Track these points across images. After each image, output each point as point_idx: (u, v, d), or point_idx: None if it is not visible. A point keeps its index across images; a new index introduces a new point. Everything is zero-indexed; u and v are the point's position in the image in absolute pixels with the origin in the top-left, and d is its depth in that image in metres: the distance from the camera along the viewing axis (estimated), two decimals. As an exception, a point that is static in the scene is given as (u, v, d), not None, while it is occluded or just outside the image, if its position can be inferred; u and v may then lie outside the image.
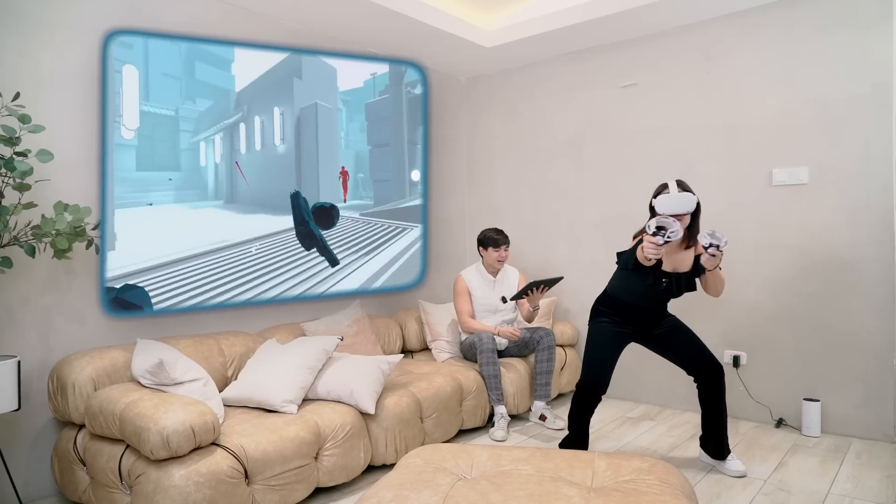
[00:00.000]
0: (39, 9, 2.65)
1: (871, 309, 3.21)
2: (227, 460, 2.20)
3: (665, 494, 1.69)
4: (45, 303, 2.65)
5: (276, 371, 2.74)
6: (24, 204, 2.36)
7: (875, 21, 3.18)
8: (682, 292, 2.74)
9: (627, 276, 2.75)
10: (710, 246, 2.47)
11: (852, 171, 3.26)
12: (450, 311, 4.04)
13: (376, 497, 1.69)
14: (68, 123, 2.73)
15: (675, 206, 2.53)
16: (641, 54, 3.98)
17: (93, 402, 2.37)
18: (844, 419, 3.31)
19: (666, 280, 2.68)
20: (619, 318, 2.81)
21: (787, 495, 2.58)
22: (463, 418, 3.34)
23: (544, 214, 4.49)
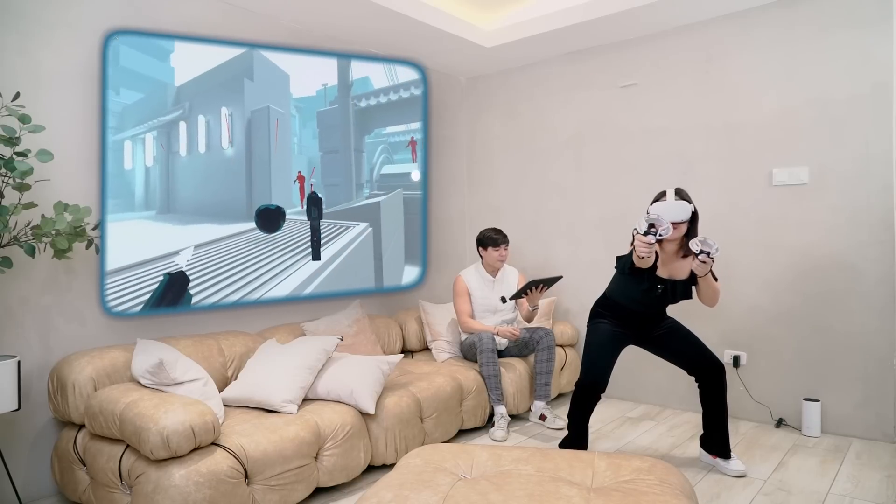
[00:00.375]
0: (39, 9, 2.65)
1: (871, 309, 3.21)
2: (227, 460, 2.20)
3: (665, 494, 1.69)
4: (45, 303, 2.65)
5: (276, 371, 2.73)
6: (24, 204, 2.36)
7: (875, 21, 3.18)
8: (678, 300, 2.76)
9: (625, 280, 2.77)
10: (700, 252, 2.47)
11: (852, 171, 3.26)
12: (450, 311, 4.04)
13: (376, 497, 1.69)
14: (68, 123, 2.73)
15: (669, 215, 2.56)
16: (641, 54, 3.98)
17: (93, 402, 2.37)
18: (844, 419, 3.31)
19: (661, 287, 2.70)
20: (617, 321, 2.84)
21: (787, 495, 2.58)
22: (463, 418, 3.34)
23: (544, 214, 4.49)
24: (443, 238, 4.71)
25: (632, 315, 2.82)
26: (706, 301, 2.71)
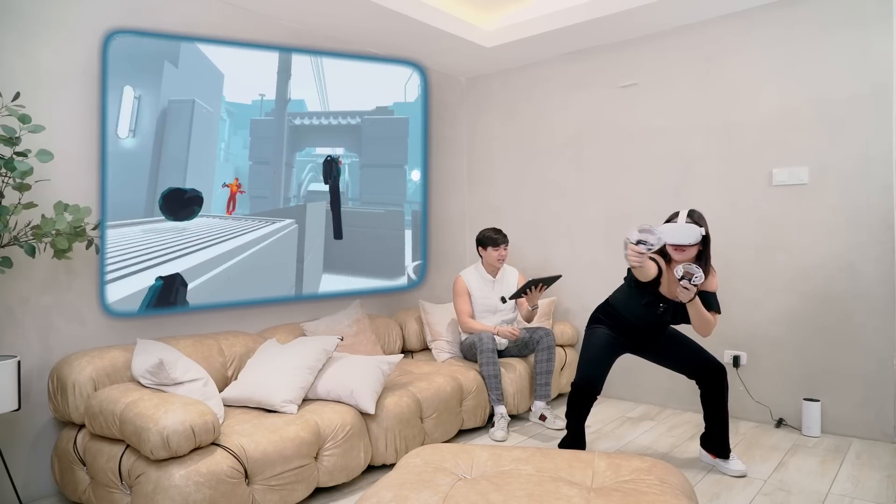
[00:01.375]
0: (39, 9, 2.65)
1: (872, 309, 3.21)
2: (227, 460, 2.20)
3: (665, 494, 1.69)
4: (45, 303, 2.65)
5: (276, 371, 2.73)
6: (24, 204, 2.36)
7: (875, 21, 3.18)
8: (678, 322, 2.74)
9: (629, 292, 2.77)
10: (681, 278, 2.45)
11: (852, 171, 3.26)
12: (450, 311, 4.04)
13: (376, 497, 1.69)
14: (68, 123, 2.73)
15: (677, 237, 2.53)
16: (641, 54, 3.98)
17: (93, 402, 2.37)
18: (844, 419, 3.31)
19: (663, 306, 2.68)
20: (616, 330, 2.85)
21: (787, 495, 2.58)
22: (463, 418, 3.34)
23: (544, 214, 4.49)
24: (443, 238, 4.71)
25: (631, 327, 2.83)
26: (697, 329, 2.66)
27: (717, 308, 2.66)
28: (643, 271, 2.46)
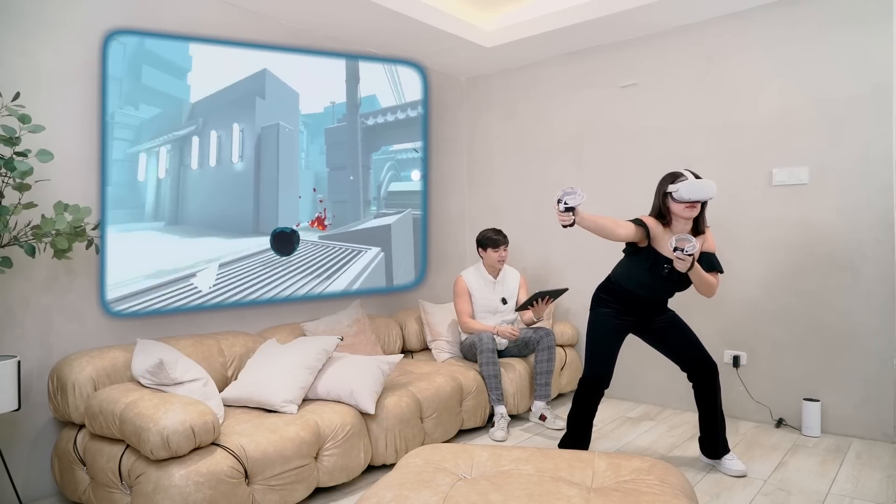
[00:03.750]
0: (39, 9, 2.65)
1: (871, 309, 3.21)
2: (227, 460, 2.20)
3: (665, 494, 1.69)
4: (45, 303, 2.65)
5: (276, 371, 2.73)
6: (24, 204, 2.36)
7: (875, 21, 3.18)
8: (683, 282, 2.70)
9: (629, 261, 2.76)
10: (675, 249, 2.46)
11: (852, 171, 3.26)
12: (450, 311, 4.04)
13: (376, 497, 1.69)
14: (68, 123, 2.73)
15: (700, 192, 2.51)
16: (641, 54, 3.98)
17: (93, 402, 2.37)
18: (844, 419, 3.31)
19: (667, 266, 2.64)
20: (619, 308, 2.79)
21: (787, 495, 2.58)
22: (463, 418, 3.34)
23: (544, 214, 4.49)
24: (443, 238, 4.71)
25: (635, 301, 2.77)
26: (701, 291, 2.66)
27: (718, 268, 2.66)
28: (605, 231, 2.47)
